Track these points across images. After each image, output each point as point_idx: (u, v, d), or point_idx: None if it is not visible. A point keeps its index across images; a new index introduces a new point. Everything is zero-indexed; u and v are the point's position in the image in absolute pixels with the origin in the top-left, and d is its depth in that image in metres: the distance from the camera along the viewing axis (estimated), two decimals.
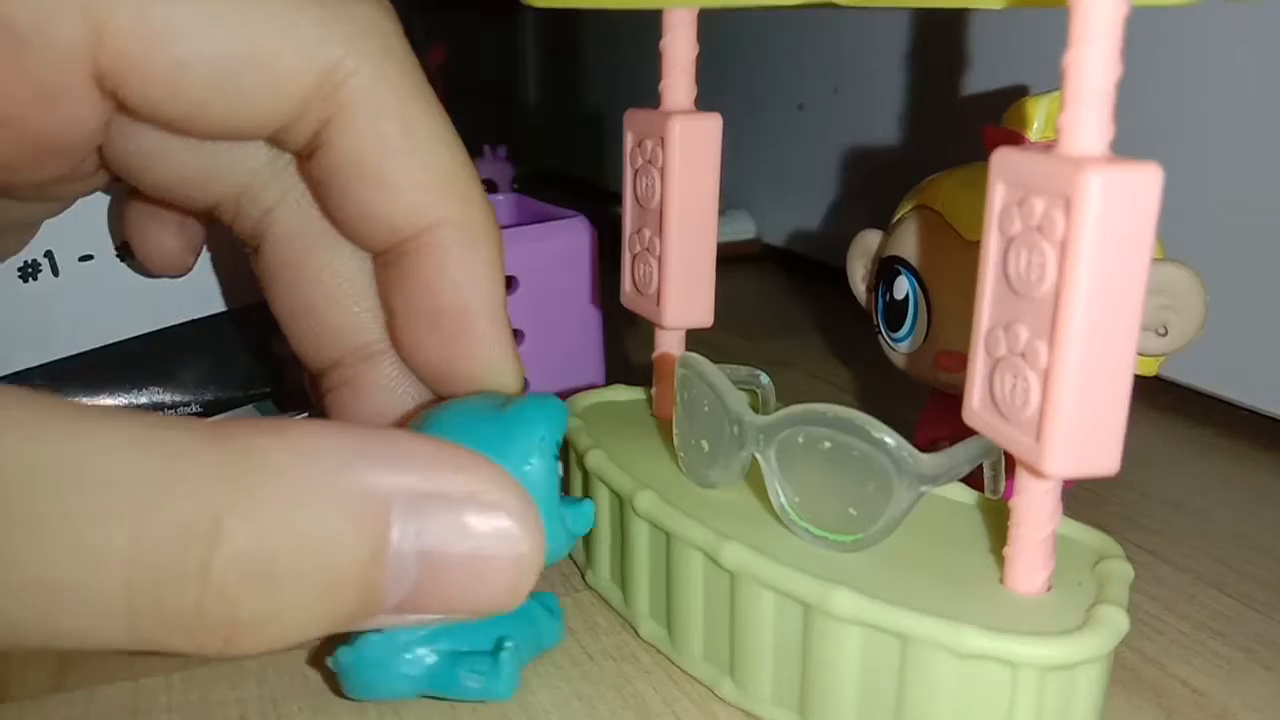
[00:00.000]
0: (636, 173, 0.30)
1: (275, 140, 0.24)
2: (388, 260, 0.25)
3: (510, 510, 0.20)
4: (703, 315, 0.30)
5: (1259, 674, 0.27)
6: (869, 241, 0.35)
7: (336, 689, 0.25)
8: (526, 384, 0.26)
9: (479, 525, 0.20)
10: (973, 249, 0.29)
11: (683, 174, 0.29)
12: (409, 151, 0.23)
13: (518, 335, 0.40)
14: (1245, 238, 0.38)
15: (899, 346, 0.32)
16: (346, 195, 0.24)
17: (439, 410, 0.24)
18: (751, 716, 0.25)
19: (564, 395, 0.41)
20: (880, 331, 0.33)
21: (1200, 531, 0.34)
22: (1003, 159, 0.20)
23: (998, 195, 0.21)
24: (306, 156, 0.24)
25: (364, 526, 0.19)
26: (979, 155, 0.32)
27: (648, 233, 0.30)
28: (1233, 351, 0.39)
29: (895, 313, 0.32)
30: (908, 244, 0.32)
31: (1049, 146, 0.19)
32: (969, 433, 0.22)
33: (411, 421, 0.24)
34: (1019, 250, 0.20)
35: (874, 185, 0.60)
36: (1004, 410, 0.21)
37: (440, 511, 0.20)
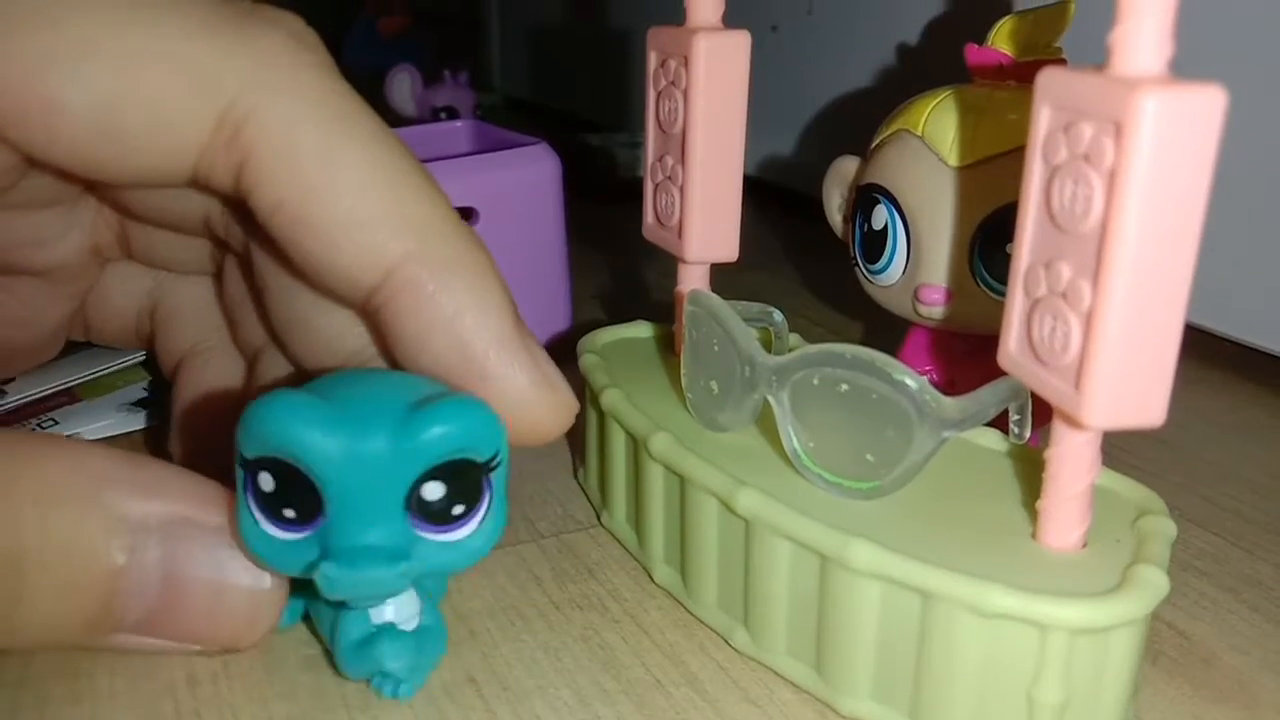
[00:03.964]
0: (659, 95, 0.28)
1: (200, 188, 0.21)
2: (372, 316, 0.22)
3: None
4: (727, 249, 0.29)
5: (1245, 615, 0.26)
6: (846, 169, 0.33)
7: (288, 648, 0.24)
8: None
9: (227, 555, 0.21)
10: (956, 176, 0.28)
11: (708, 96, 0.27)
12: (334, 190, 0.20)
13: None
14: (1225, 166, 0.37)
15: (877, 279, 0.31)
16: (290, 248, 0.21)
17: (362, 374, 0.21)
18: (724, 665, 0.24)
19: (544, 334, 0.40)
20: (857, 264, 0.32)
21: (1183, 467, 0.34)
22: (1049, 79, 0.19)
23: (1042, 119, 0.19)
24: (244, 208, 0.21)
25: (116, 536, 0.20)
26: (962, 77, 0.31)
27: (670, 160, 0.28)
28: (1214, 283, 0.38)
29: (873, 244, 0.31)
30: (887, 171, 0.30)
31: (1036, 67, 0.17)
32: (952, 369, 0.21)
33: (316, 380, 0.21)
34: (1064, 180, 0.18)
35: (851, 109, 0.59)
36: (1042, 355, 0.20)
37: (190, 537, 0.21)
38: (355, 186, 0.20)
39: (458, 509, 0.20)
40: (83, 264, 0.27)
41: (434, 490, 0.19)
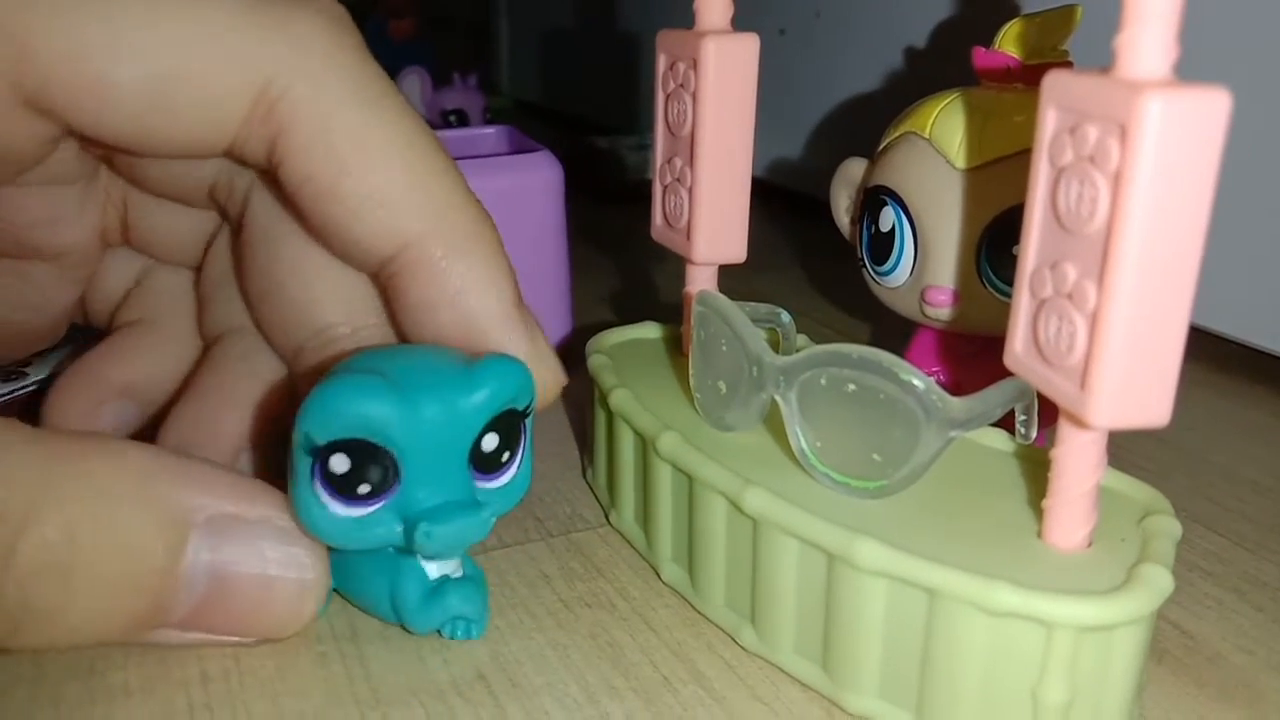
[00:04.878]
0: (668, 98, 0.29)
1: (233, 158, 0.23)
2: (383, 283, 0.24)
3: (302, 538, 0.22)
4: (736, 250, 0.29)
5: (1250, 615, 0.26)
6: (853, 171, 0.33)
7: (300, 645, 0.24)
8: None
9: (271, 548, 0.22)
10: (963, 178, 0.28)
11: (716, 99, 0.27)
12: (364, 167, 0.22)
13: None
14: (1233, 170, 0.37)
15: (885, 281, 0.31)
16: (313, 216, 0.23)
17: (391, 349, 0.23)
18: (731, 664, 0.24)
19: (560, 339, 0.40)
20: (865, 265, 0.32)
21: (1190, 468, 0.34)
22: (1055, 82, 0.19)
23: (1048, 121, 0.19)
24: (272, 176, 0.23)
25: (165, 535, 0.21)
26: (969, 79, 0.31)
27: (679, 162, 0.29)
28: (1222, 285, 0.38)
29: (881, 245, 0.31)
30: (894, 173, 0.30)
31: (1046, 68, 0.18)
32: (959, 370, 0.21)
33: (354, 357, 0.22)
34: (1069, 182, 0.19)
35: (858, 111, 0.59)
36: (1048, 355, 0.20)
37: (236, 532, 0.22)
38: (382, 165, 0.22)
39: (505, 455, 0.22)
40: (91, 247, 0.27)
41: (491, 441, 0.22)
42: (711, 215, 0.28)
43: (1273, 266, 0.37)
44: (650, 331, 0.33)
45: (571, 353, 0.32)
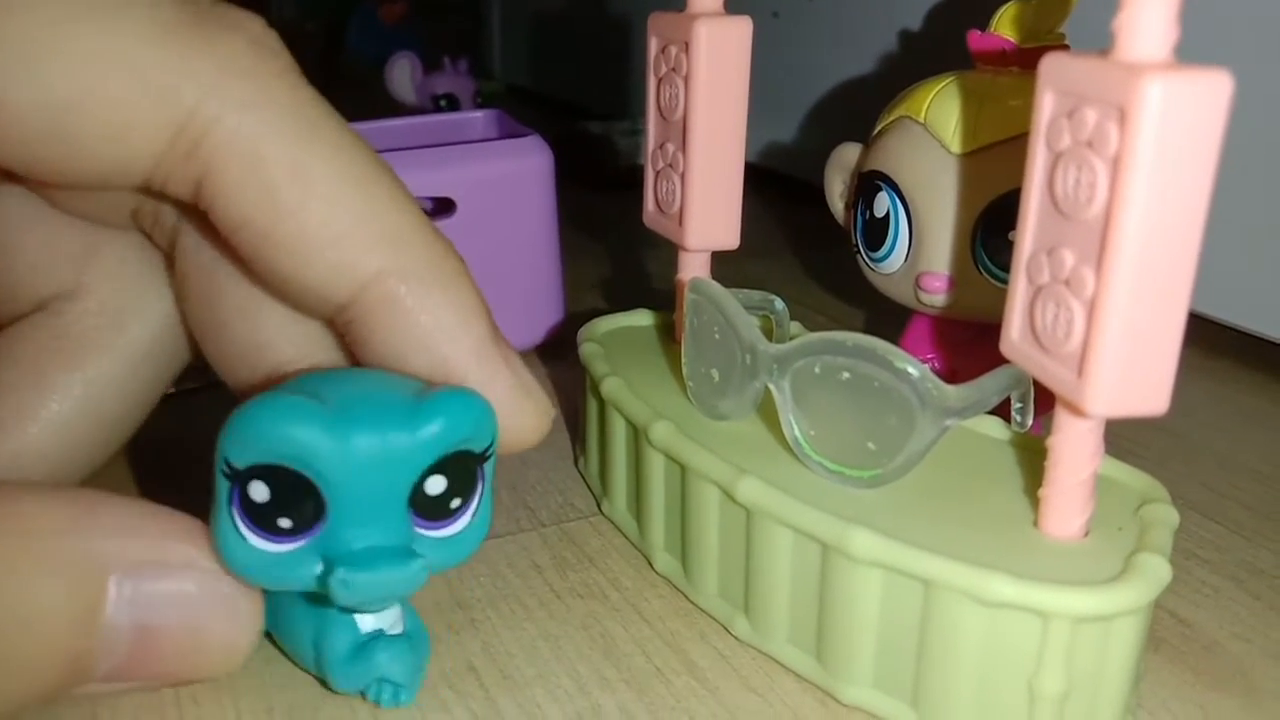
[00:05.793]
0: (660, 82, 0.28)
1: (152, 193, 0.20)
2: (344, 329, 0.21)
3: (229, 577, 0.20)
4: (728, 236, 0.28)
5: (1247, 603, 0.26)
6: (848, 156, 0.33)
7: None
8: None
9: (198, 595, 0.20)
10: (959, 163, 0.28)
11: (709, 83, 0.27)
12: (305, 206, 0.19)
13: None
14: (1233, 153, 0.37)
15: (879, 267, 0.31)
16: (255, 262, 0.20)
17: (338, 373, 0.21)
18: (725, 654, 0.24)
19: (527, 331, 0.39)
20: (859, 251, 0.32)
21: (1185, 455, 0.34)
22: (1052, 64, 0.19)
23: (1045, 105, 0.19)
24: (204, 213, 0.20)
25: (77, 598, 0.19)
26: (964, 63, 0.31)
27: (671, 147, 0.28)
28: (1218, 270, 0.38)
29: (875, 231, 0.30)
30: (889, 158, 0.30)
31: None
32: (954, 357, 0.21)
33: (295, 379, 0.20)
34: (1067, 167, 0.18)
35: (853, 96, 0.58)
36: (1044, 342, 0.19)
37: (158, 579, 0.19)
38: (327, 201, 0.19)
39: (455, 502, 0.20)
40: None
41: (436, 484, 0.19)
42: (704, 201, 0.28)
43: (1272, 252, 0.37)
44: (642, 319, 0.33)
45: (563, 340, 0.32)
